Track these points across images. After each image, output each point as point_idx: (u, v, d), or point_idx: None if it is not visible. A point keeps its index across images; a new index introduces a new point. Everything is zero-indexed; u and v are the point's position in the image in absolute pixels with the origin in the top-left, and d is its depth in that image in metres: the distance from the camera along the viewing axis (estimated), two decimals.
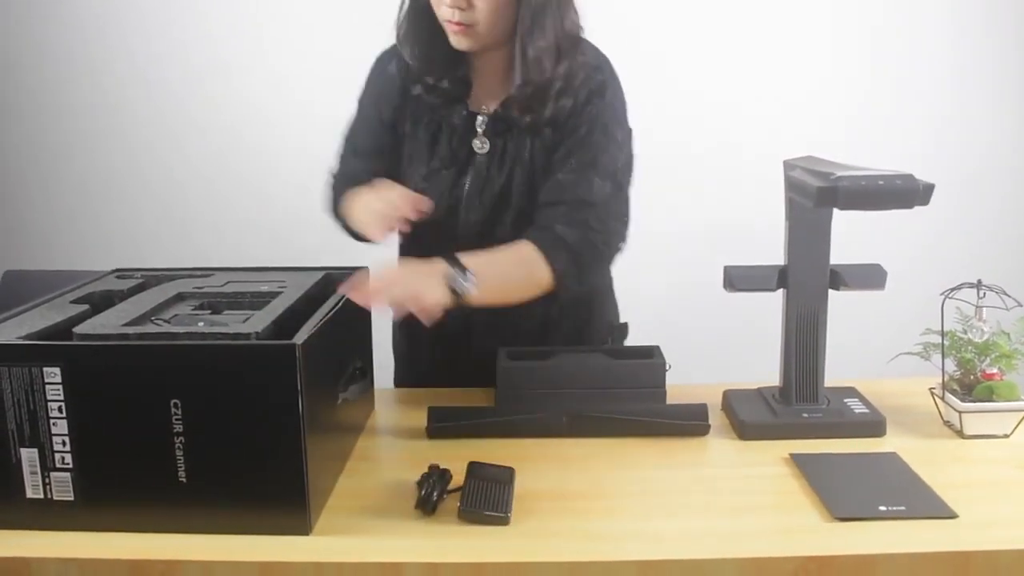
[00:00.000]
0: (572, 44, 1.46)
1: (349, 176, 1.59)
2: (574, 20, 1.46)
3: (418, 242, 1.47)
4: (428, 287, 1.25)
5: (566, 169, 1.47)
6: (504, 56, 1.47)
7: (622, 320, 1.76)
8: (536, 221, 1.47)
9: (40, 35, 2.72)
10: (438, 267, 1.29)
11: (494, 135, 1.52)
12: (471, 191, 1.53)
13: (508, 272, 1.41)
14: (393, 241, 1.59)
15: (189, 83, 2.72)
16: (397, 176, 1.55)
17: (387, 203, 1.39)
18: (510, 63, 1.45)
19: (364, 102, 1.63)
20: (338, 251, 2.62)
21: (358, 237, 1.52)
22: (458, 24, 1.40)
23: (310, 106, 2.69)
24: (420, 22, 1.47)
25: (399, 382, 1.78)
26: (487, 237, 1.51)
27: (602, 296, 1.72)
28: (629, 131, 1.54)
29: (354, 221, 1.49)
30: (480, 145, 1.52)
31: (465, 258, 1.31)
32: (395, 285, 1.25)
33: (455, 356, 1.64)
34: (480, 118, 1.52)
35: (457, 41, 1.43)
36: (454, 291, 1.27)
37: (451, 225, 1.54)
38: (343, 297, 1.31)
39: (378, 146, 1.59)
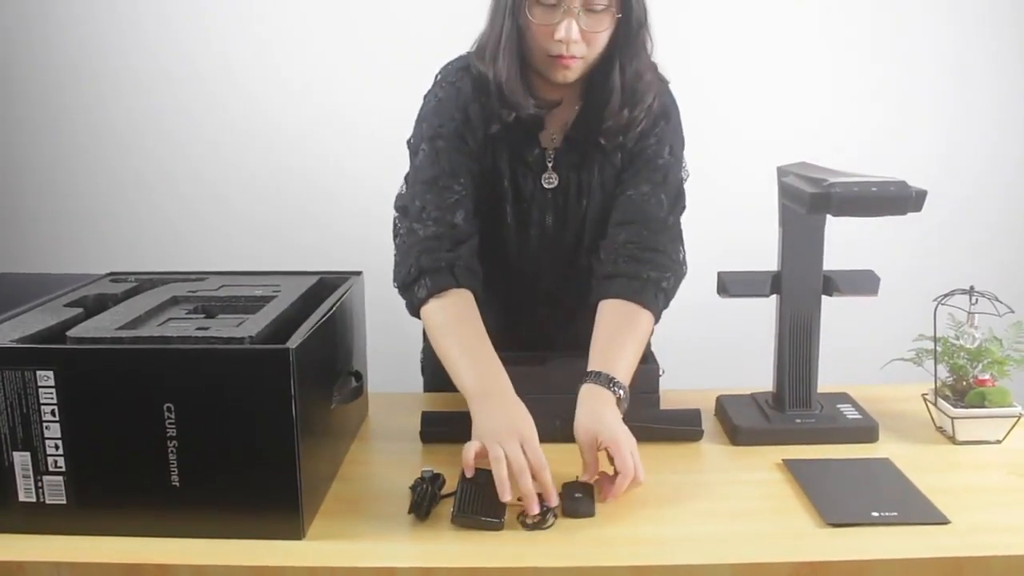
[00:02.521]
0: (654, 70, 1.48)
1: (443, 213, 1.42)
2: (651, 49, 1.46)
3: (505, 281, 1.48)
4: (626, 435, 1.24)
5: (637, 188, 1.47)
6: (575, 86, 1.46)
7: None
8: (612, 243, 1.45)
9: (36, 36, 2.71)
10: (607, 398, 1.29)
11: (565, 168, 1.51)
12: (555, 225, 1.53)
13: (639, 350, 1.38)
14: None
15: (185, 84, 2.71)
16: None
17: (528, 455, 1.19)
18: (579, 92, 1.47)
19: (444, 122, 1.47)
20: (334, 255, 2.63)
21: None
22: (571, 58, 1.37)
23: (311, 106, 2.68)
24: (517, 54, 1.42)
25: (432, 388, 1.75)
26: (571, 268, 1.55)
27: None
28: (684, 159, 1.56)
29: (455, 376, 1.32)
30: (549, 179, 1.51)
31: (615, 371, 1.31)
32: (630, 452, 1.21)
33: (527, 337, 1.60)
34: (549, 152, 1.51)
35: (564, 75, 1.40)
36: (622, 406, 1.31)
37: (536, 260, 1.56)
38: (337, 301, 1.32)
39: (472, 171, 1.47)
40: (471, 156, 1.47)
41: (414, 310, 1.40)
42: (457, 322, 1.35)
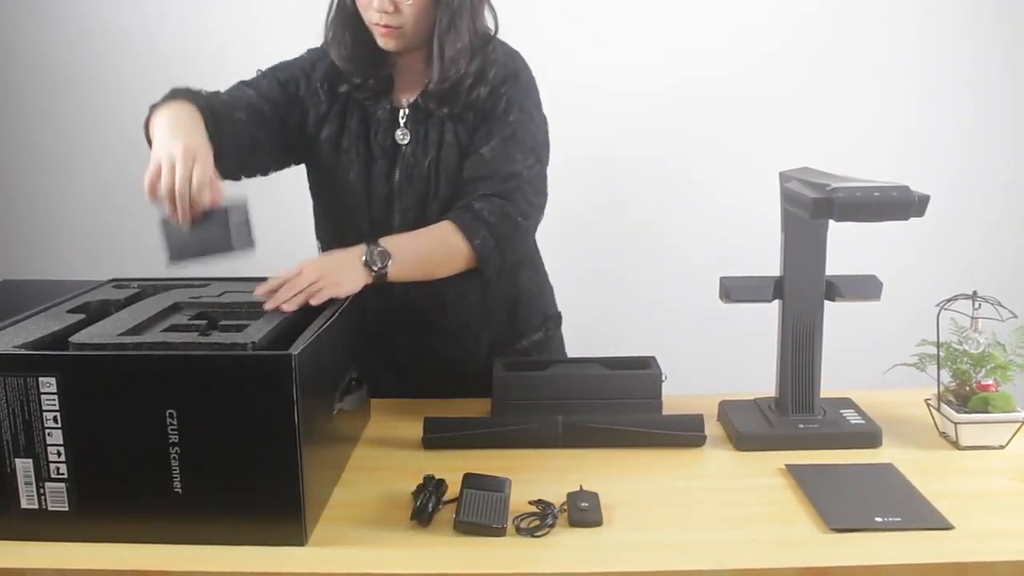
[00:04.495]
0: (484, 43, 1.55)
1: (229, 95, 1.58)
2: (484, 22, 1.56)
3: (356, 232, 1.54)
4: (345, 271, 1.37)
5: (489, 146, 1.54)
6: (422, 55, 1.55)
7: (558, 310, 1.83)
8: (461, 197, 1.54)
9: (37, 39, 2.72)
10: (355, 250, 1.41)
11: (415, 124, 1.58)
12: (402, 180, 1.59)
13: (427, 248, 1.49)
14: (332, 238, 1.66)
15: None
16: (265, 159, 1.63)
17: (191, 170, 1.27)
18: (428, 61, 1.54)
19: (288, 67, 1.64)
20: None
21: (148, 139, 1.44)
22: (386, 27, 1.48)
23: None
24: (347, 25, 1.55)
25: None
26: (422, 221, 1.57)
27: (532, 287, 1.75)
28: (544, 117, 1.62)
29: (157, 135, 1.37)
30: (402, 136, 1.58)
31: (384, 240, 1.44)
32: (314, 276, 1.33)
33: (390, 353, 1.68)
34: (402, 111, 1.59)
35: (385, 43, 1.51)
36: (372, 269, 1.40)
37: (388, 213, 1.60)
38: (339, 308, 1.32)
39: (275, 100, 1.59)
40: (288, 104, 1.60)
41: (146, 122, 1.47)
42: (175, 108, 1.43)
